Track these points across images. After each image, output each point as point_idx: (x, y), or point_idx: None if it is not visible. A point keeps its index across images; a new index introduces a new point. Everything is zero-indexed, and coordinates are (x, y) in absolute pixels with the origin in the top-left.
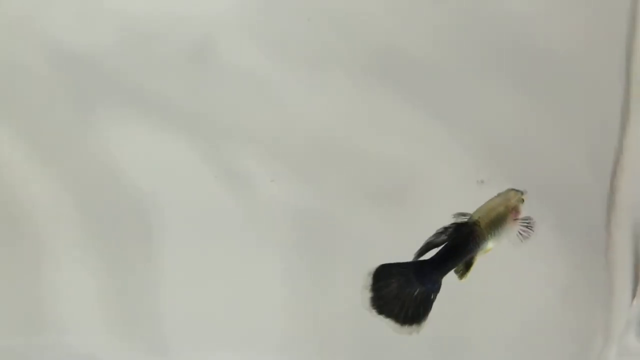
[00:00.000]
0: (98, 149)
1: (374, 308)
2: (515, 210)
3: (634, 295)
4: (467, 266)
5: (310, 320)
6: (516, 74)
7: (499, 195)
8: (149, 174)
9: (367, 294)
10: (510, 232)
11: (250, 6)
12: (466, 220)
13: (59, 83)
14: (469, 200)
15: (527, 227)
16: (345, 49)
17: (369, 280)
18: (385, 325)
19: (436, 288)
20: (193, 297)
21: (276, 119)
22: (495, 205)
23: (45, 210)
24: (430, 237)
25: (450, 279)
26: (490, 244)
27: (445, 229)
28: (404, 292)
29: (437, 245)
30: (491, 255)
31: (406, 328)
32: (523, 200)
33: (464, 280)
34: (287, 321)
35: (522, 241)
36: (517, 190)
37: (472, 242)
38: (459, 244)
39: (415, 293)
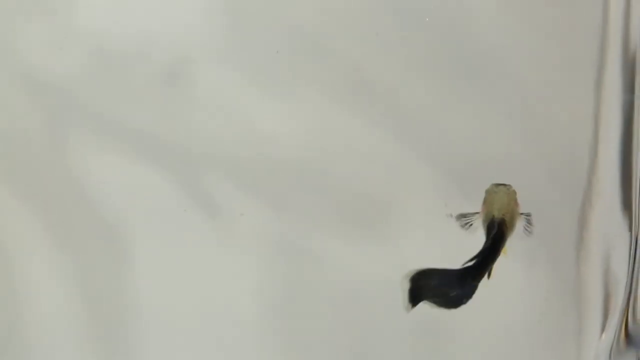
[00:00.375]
0: (70, 176)
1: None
2: (517, 204)
3: (603, 329)
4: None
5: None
6: (490, 106)
7: (493, 191)
8: (120, 202)
9: (407, 284)
10: (519, 227)
11: (222, 32)
12: (500, 218)
13: (31, 109)
14: (439, 232)
15: (528, 221)
16: (316, 76)
17: (411, 273)
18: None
19: (470, 294)
20: (164, 327)
21: (248, 146)
22: (506, 202)
23: (16, 236)
24: None
25: None
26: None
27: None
28: (441, 289)
29: None
30: None
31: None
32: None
33: (491, 278)
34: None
35: (528, 235)
36: (505, 185)
37: (503, 241)
38: (495, 245)
39: (452, 294)
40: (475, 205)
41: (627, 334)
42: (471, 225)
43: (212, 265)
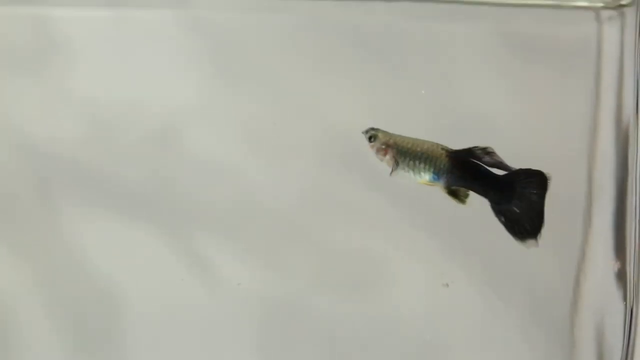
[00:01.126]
0: (64, 239)
1: None
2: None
3: None
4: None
5: None
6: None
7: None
8: (116, 267)
9: None
10: None
11: (213, 97)
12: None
13: (24, 174)
14: (434, 298)
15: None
16: (308, 137)
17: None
18: None
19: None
20: None
21: (241, 208)
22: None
23: (12, 304)
24: None
25: None
26: None
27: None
28: None
29: None
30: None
31: None
32: None
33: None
34: None
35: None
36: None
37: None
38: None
39: None
40: (472, 273)
41: None
42: None
43: (209, 332)
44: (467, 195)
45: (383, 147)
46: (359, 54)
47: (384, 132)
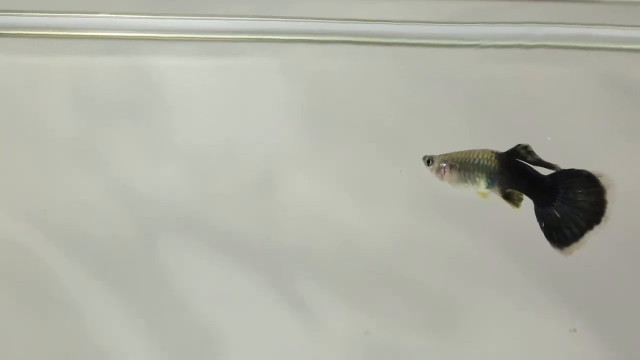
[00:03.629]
0: (164, 280)
1: None
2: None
3: None
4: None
5: None
6: None
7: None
8: (217, 312)
9: None
10: None
11: (309, 139)
12: None
13: (127, 217)
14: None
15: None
16: (404, 184)
17: None
18: None
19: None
20: None
21: (336, 250)
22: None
23: (113, 339)
24: None
25: None
26: None
27: None
28: None
29: None
30: None
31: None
32: None
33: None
34: None
35: None
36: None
37: None
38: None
39: None
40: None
41: None
42: None
43: None
44: (520, 199)
45: (441, 165)
46: (454, 100)
47: (441, 155)
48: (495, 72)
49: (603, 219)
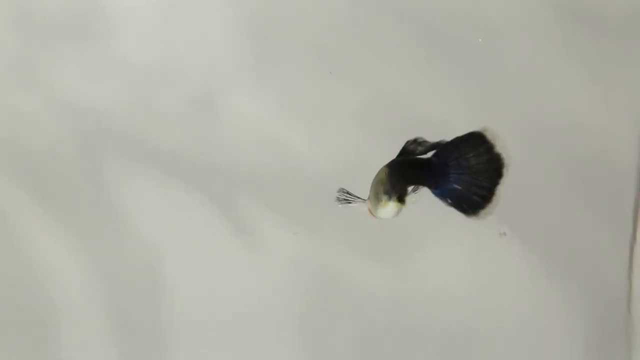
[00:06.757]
0: (103, 198)
1: None
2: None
3: None
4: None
5: None
6: (530, 124)
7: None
8: (158, 230)
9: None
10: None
11: (251, 58)
12: None
13: (65, 135)
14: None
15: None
16: (346, 98)
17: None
18: None
19: None
20: (197, 343)
21: (280, 171)
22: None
23: (47, 257)
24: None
25: None
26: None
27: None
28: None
29: None
30: (509, 305)
31: None
32: None
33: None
34: None
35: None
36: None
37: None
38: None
39: None
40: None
41: None
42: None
43: (242, 285)
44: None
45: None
46: (399, 15)
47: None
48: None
49: (504, 170)
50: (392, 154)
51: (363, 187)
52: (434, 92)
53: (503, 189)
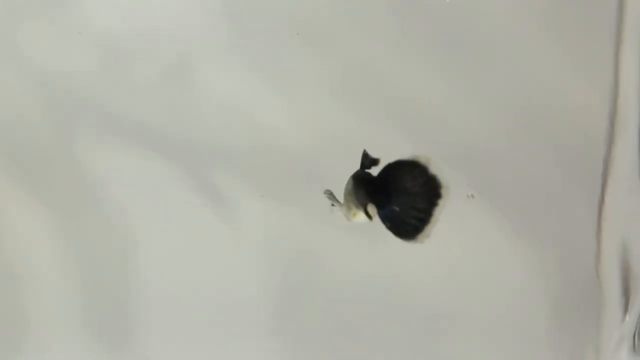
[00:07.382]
0: (76, 169)
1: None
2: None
3: (625, 311)
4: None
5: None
6: (498, 97)
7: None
8: (126, 195)
9: None
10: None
11: (225, 28)
12: None
13: (38, 101)
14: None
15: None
16: (320, 70)
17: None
18: None
19: None
20: (169, 320)
21: (255, 143)
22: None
23: (20, 229)
24: None
25: None
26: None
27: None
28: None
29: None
30: (482, 268)
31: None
32: None
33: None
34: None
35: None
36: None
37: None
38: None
39: None
40: (498, 190)
41: None
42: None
43: (217, 259)
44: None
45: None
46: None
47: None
48: None
49: (442, 191)
50: (366, 125)
51: (338, 158)
52: (409, 62)
53: (443, 209)
